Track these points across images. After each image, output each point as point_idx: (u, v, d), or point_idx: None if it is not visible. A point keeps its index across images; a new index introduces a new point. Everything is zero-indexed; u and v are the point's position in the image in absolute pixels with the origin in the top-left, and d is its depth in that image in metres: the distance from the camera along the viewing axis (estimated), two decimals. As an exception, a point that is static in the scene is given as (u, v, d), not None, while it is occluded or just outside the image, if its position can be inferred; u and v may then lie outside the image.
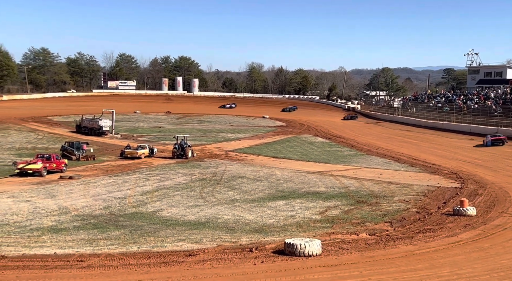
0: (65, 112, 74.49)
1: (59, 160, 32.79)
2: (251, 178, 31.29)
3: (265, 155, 42.83)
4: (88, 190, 26.37)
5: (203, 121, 77.31)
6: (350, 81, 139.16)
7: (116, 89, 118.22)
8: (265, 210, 22.30)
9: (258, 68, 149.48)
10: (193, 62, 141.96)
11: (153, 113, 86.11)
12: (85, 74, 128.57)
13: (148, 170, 33.72)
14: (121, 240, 16.34)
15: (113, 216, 20.82)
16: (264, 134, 60.37)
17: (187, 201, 24.39)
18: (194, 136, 52.97)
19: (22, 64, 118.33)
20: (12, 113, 69.11)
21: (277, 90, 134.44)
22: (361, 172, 34.03)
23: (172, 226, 18.98)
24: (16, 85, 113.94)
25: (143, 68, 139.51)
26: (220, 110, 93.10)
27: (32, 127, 57.23)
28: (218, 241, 16.35)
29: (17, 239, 16.15)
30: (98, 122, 54.19)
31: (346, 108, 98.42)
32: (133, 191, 26.40)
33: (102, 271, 12.58)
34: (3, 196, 23.88)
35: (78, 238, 16.49)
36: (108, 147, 45.59)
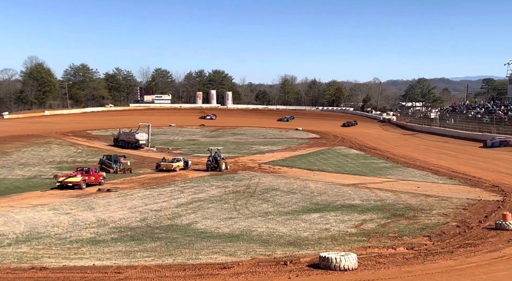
0: (103, 127, 76.61)
1: (98, 173, 33.63)
2: (285, 190, 31.15)
3: (298, 167, 42.60)
4: (125, 202, 26.90)
5: (236, 133, 77.79)
6: (385, 92, 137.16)
7: (152, 103, 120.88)
8: (299, 223, 22.12)
9: (291, 80, 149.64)
10: (226, 76, 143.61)
11: (187, 126, 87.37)
12: (122, 89, 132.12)
13: (183, 183, 34.13)
14: (157, 252, 16.54)
15: (149, 228, 21.14)
16: (298, 146, 60.12)
17: (221, 213, 24.50)
18: (228, 149, 53.33)
19: (63, 80, 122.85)
20: (54, 128, 71.65)
21: (310, 102, 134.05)
22: (397, 184, 33.32)
23: (206, 239, 19.08)
24: (57, 100, 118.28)
25: (178, 82, 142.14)
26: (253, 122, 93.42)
27: (72, 141, 59.09)
28: (252, 254, 16.31)
29: (57, 250, 16.60)
30: (134, 136, 55.40)
31: (381, 119, 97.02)
32: (168, 203, 26.75)
33: (138, 282, 12.76)
34: (45, 208, 24.66)
35: (115, 250, 16.80)
36: (144, 160, 46.47)
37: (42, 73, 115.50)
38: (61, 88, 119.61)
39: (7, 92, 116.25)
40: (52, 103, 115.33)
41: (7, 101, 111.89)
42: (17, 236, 18.60)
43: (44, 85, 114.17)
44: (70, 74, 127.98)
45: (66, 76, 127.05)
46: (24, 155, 47.74)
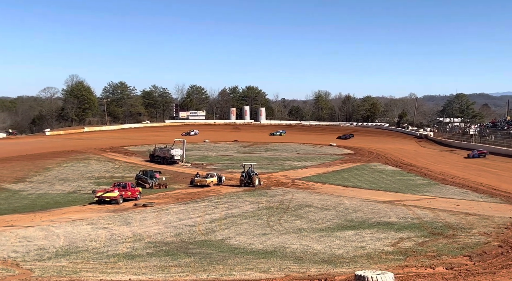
0: (140, 142, 78.33)
1: (134, 188, 34.30)
2: (319, 207, 30.83)
3: (332, 183, 42.15)
4: (160, 217, 27.26)
5: (269, 149, 77.85)
6: (422, 107, 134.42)
7: (187, 119, 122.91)
8: (333, 240, 21.80)
9: (325, 96, 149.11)
10: (260, 92, 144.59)
11: (221, 142, 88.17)
12: (158, 105, 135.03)
13: (216, 198, 34.33)
14: (191, 267, 16.63)
15: (183, 243, 21.31)
16: (331, 162, 59.58)
17: (254, 229, 24.45)
18: (261, 165, 53.40)
19: (102, 98, 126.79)
20: (92, 144, 73.80)
21: (344, 118, 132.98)
22: (435, 202, 32.42)
23: (240, 255, 19.06)
24: (97, 117, 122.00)
25: (212, 99, 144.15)
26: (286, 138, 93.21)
27: (109, 157, 60.62)
28: (286, 271, 16.17)
29: (95, 265, 16.94)
30: (170, 151, 56.33)
31: (418, 135, 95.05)
32: (202, 219, 26.93)
33: (173, 298, 12.83)
34: (83, 222, 25.29)
35: (151, 265, 17.00)
36: (179, 175, 47.10)
37: (82, 91, 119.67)
38: (100, 105, 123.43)
39: (49, 109, 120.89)
40: (91, 120, 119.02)
41: (49, 119, 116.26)
42: (57, 250, 19.11)
43: (84, 103, 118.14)
44: (108, 91, 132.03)
45: (105, 93, 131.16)
46: (64, 170, 49.28)
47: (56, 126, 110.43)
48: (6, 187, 38.74)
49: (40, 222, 25.47)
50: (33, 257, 17.79)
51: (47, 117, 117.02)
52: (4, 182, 40.27)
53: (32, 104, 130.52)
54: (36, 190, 38.10)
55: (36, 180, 42.73)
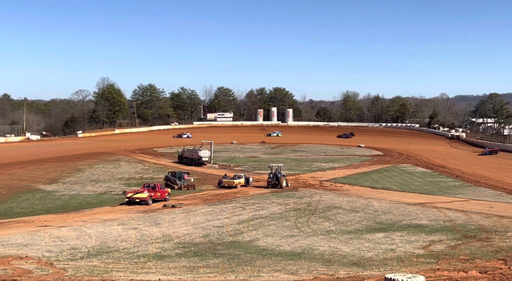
0: (169, 144, 79.35)
1: (163, 189, 34.73)
2: (347, 209, 30.53)
3: (361, 185, 41.66)
4: (188, 218, 27.53)
5: (297, 150, 77.59)
6: (453, 108, 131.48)
7: (214, 121, 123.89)
8: (362, 242, 21.54)
9: (353, 96, 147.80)
10: (287, 93, 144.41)
11: (248, 143, 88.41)
12: (186, 107, 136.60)
13: (244, 199, 34.42)
14: (220, 268, 16.72)
15: (211, 244, 21.46)
16: (360, 163, 58.89)
17: (282, 230, 24.40)
18: (288, 166, 53.26)
19: (131, 100, 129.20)
20: (123, 146, 75.20)
21: (373, 119, 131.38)
22: (468, 204, 31.62)
23: (268, 256, 19.05)
24: (127, 119, 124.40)
25: (239, 100, 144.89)
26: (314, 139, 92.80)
27: (139, 158, 61.62)
28: (314, 273, 16.06)
29: (126, 264, 17.23)
30: (198, 153, 56.83)
31: (449, 136, 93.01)
32: (230, 220, 27.05)
33: (201, 298, 12.92)
34: (114, 223, 25.78)
35: (180, 265, 17.18)
36: (207, 177, 47.46)
37: (113, 94, 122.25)
38: (130, 107, 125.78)
39: (81, 112, 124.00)
40: (122, 122, 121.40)
41: (81, 121, 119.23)
42: (89, 250, 19.54)
43: (115, 105, 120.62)
44: (138, 94, 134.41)
45: (135, 96, 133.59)
46: (95, 171, 50.37)
47: (88, 128, 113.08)
48: (40, 187, 39.87)
49: (72, 222, 26.10)
50: (66, 256, 18.24)
51: (79, 120, 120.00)
52: (39, 183, 41.45)
53: (65, 107, 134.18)
54: (69, 191, 39.07)
55: (69, 181, 43.82)
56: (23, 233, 22.37)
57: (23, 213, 29.74)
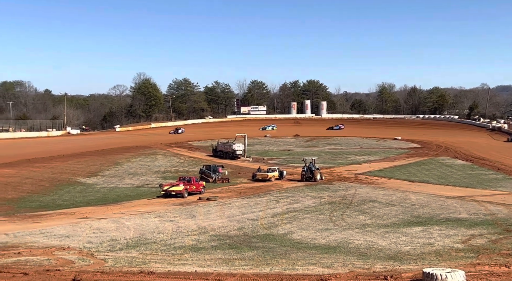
0: (203, 138, 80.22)
1: (198, 182, 35.20)
2: (383, 202, 30.07)
3: (397, 178, 40.93)
4: (223, 211, 27.82)
5: (331, 143, 76.91)
6: (495, 98, 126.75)
7: (248, 114, 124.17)
8: (399, 236, 21.19)
9: (389, 88, 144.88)
10: (321, 85, 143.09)
11: (282, 136, 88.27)
12: (220, 101, 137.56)
13: (278, 193, 34.45)
14: (255, 261, 16.83)
15: (246, 236, 21.61)
16: (396, 156, 57.82)
17: (316, 224, 24.31)
18: (323, 159, 52.89)
19: (167, 95, 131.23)
20: (159, 139, 76.59)
21: (410, 111, 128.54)
22: (510, 197, 30.55)
23: (302, 249, 19.03)
24: (162, 113, 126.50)
25: (273, 93, 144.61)
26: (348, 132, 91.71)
27: (175, 152, 62.62)
28: (350, 266, 15.94)
29: (163, 256, 17.60)
30: (232, 146, 57.21)
31: (490, 128, 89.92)
32: (264, 213, 27.15)
33: (237, 290, 13.05)
34: (151, 215, 26.35)
35: (215, 257, 17.41)
36: (241, 170, 47.74)
37: (149, 88, 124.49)
38: (165, 102, 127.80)
39: (118, 106, 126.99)
40: (158, 116, 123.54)
41: (118, 115, 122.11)
42: (127, 242, 20.05)
43: (151, 100, 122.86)
44: (173, 88, 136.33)
45: (170, 90, 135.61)
46: (133, 165, 51.54)
47: (125, 122, 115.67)
48: (81, 180, 41.16)
49: (112, 214, 26.84)
50: (106, 247, 18.79)
51: (117, 114, 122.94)
52: (79, 176, 42.80)
53: (103, 102, 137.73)
54: (107, 184, 40.16)
55: (107, 174, 45.03)
56: (65, 225, 23.18)
57: (65, 205, 30.81)
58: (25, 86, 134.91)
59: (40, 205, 30.48)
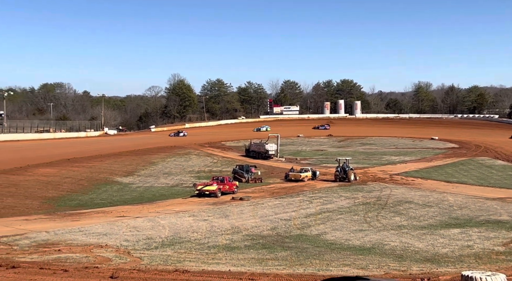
0: (236, 138, 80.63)
1: (231, 182, 35.40)
2: (420, 203, 29.42)
3: (434, 179, 39.96)
4: (256, 211, 27.87)
5: (365, 144, 75.84)
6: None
7: (280, 114, 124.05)
8: (437, 238, 20.69)
9: (426, 87, 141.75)
10: (355, 85, 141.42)
11: (315, 136, 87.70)
12: (253, 101, 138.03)
13: (311, 193, 34.24)
14: (288, 261, 16.79)
15: (279, 237, 21.58)
16: (433, 156, 56.46)
17: (351, 225, 24.02)
18: (357, 159, 52.22)
19: (200, 95, 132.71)
20: (193, 140, 77.53)
21: (447, 110, 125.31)
22: (555, 199, 29.33)
23: (336, 250, 18.85)
24: (196, 114, 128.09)
25: (306, 93, 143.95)
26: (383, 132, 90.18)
27: (208, 152, 63.23)
28: (385, 268, 15.67)
29: (197, 255, 17.78)
30: (264, 146, 57.26)
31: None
32: (297, 213, 27.05)
33: (271, 290, 13.05)
34: (186, 214, 26.70)
35: (249, 257, 17.46)
36: (273, 170, 47.71)
37: (183, 89, 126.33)
38: (199, 102, 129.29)
39: (154, 107, 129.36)
40: (191, 116, 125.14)
41: (154, 116, 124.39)
42: (162, 240, 20.37)
43: (185, 100, 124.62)
44: (207, 89, 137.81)
45: (204, 91, 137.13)
46: (168, 164, 52.37)
47: (160, 123, 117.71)
48: (117, 180, 42.14)
49: (147, 213, 27.35)
50: (142, 246, 19.15)
51: (152, 115, 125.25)
52: (116, 176, 43.83)
53: (139, 103, 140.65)
54: (143, 183, 40.96)
55: (143, 174, 45.92)
56: (102, 223, 23.78)
57: (103, 203, 31.61)
58: (65, 88, 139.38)
59: (79, 204, 31.40)
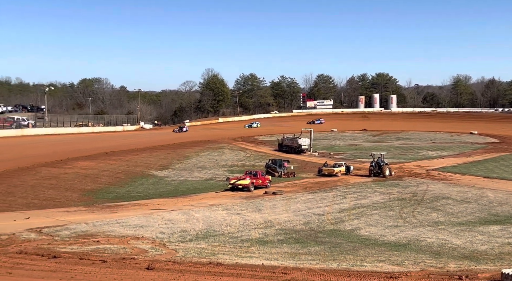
0: (269, 132, 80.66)
1: (264, 177, 35.46)
2: (458, 199, 28.67)
3: (473, 175, 38.83)
4: (289, 205, 27.85)
5: (401, 138, 74.38)
6: None
7: (314, 108, 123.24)
8: (475, 235, 20.13)
9: (465, 80, 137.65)
10: (390, 78, 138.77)
11: (349, 131, 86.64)
12: (286, 95, 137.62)
13: (344, 188, 33.92)
14: (321, 256, 16.72)
15: (312, 231, 21.51)
16: (472, 151, 54.81)
17: (385, 220, 23.68)
18: (392, 154, 51.29)
19: (234, 90, 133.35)
20: (226, 134, 78.05)
21: (487, 104, 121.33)
22: None
23: (371, 246, 18.62)
24: (229, 108, 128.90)
25: (339, 87, 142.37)
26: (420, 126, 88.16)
27: (241, 146, 63.53)
28: (421, 265, 15.38)
29: (230, 248, 17.95)
30: (297, 141, 57.03)
31: None
32: (330, 208, 26.86)
33: (304, 284, 13.04)
34: (219, 208, 26.97)
35: (282, 251, 17.49)
36: (306, 165, 47.49)
37: (216, 84, 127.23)
38: (232, 97, 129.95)
39: (188, 102, 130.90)
40: (225, 111, 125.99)
41: (188, 110, 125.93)
42: (197, 233, 20.67)
43: (218, 95, 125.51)
44: (240, 83, 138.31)
45: (237, 85, 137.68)
46: (201, 158, 52.97)
47: (194, 117, 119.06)
48: (153, 173, 42.96)
49: (182, 206, 27.78)
50: (177, 238, 19.49)
51: (186, 109, 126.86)
52: (152, 169, 44.68)
53: (174, 97, 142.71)
54: (178, 177, 41.59)
55: (178, 167, 46.62)
56: (139, 215, 24.32)
57: (139, 196, 32.31)
58: (103, 83, 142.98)
59: (116, 196, 32.20)
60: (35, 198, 29.55)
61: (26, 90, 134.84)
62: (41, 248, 16.48)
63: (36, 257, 15.23)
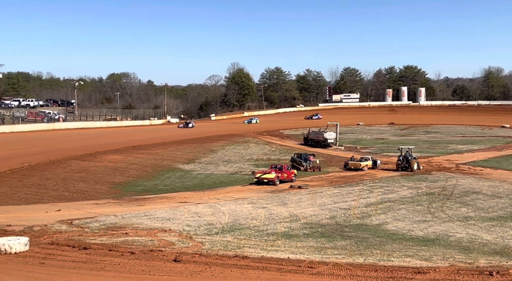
0: (294, 126, 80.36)
1: (289, 170, 35.38)
2: (488, 194, 28.00)
3: (505, 169, 37.85)
4: (315, 199, 27.75)
5: (429, 132, 73.01)
6: None
7: (340, 102, 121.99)
8: (507, 230, 19.67)
9: (497, 72, 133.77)
10: (419, 71, 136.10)
11: (376, 125, 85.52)
12: (312, 89, 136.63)
13: (371, 182, 33.56)
14: (348, 250, 16.62)
15: (338, 226, 21.39)
16: (504, 145, 53.37)
17: (413, 215, 23.34)
18: (420, 148, 50.40)
19: (259, 84, 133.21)
20: (251, 128, 78.19)
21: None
22: None
23: (398, 241, 18.41)
24: (255, 102, 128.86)
25: (366, 80, 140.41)
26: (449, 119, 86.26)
27: (266, 140, 63.53)
28: (450, 260, 15.12)
29: (256, 242, 18.03)
30: (323, 134, 56.63)
31: None
32: (357, 203, 26.64)
33: (330, 279, 12.97)
34: (245, 202, 27.09)
35: (307, 245, 17.47)
36: (332, 159, 47.16)
37: (242, 78, 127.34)
38: (258, 91, 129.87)
39: (213, 96, 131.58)
40: (250, 105, 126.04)
41: (214, 104, 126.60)
42: (223, 226, 20.84)
43: (244, 89, 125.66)
44: (265, 77, 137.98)
45: (262, 79, 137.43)
46: (227, 152, 53.24)
47: (220, 111, 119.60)
48: (180, 167, 43.44)
49: (208, 199, 28.03)
50: (203, 231, 19.69)
51: (212, 103, 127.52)
52: (178, 163, 45.18)
53: (199, 92, 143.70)
54: (204, 170, 41.94)
55: (204, 161, 47.00)
56: (166, 208, 24.67)
57: (166, 189, 32.76)
58: (131, 77, 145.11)
59: (144, 189, 32.72)
60: (65, 190, 30.31)
61: (56, 85, 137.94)
62: (72, 240, 16.91)
63: (67, 248, 15.63)
